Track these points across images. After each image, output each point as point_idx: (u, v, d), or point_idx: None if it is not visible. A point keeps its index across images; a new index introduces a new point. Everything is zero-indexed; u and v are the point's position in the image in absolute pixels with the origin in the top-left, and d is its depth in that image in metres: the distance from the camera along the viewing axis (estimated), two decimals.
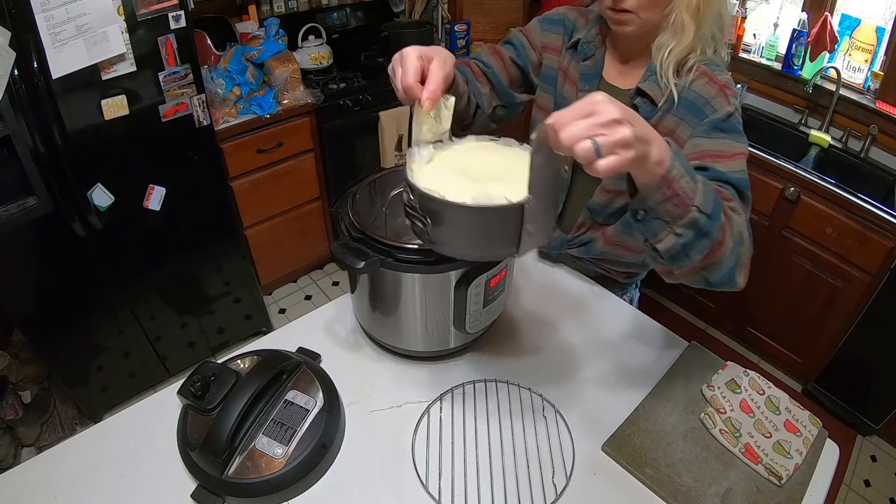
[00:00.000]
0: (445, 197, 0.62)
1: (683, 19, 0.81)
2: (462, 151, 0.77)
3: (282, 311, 2.57)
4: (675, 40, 0.83)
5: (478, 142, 0.78)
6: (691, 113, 0.86)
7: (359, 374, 0.94)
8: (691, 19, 0.81)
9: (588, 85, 0.97)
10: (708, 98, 0.84)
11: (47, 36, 1.33)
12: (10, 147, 1.35)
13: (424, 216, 0.65)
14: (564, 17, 1.02)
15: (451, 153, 0.76)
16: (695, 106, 0.85)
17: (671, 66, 0.85)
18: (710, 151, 0.79)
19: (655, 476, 0.78)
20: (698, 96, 0.85)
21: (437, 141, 0.76)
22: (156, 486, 0.76)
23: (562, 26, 1.01)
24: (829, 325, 1.97)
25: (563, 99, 1.02)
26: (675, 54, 0.84)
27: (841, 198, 1.77)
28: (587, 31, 0.98)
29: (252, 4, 2.34)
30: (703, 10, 0.80)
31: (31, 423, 1.79)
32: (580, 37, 0.98)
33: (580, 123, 0.53)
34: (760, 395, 0.90)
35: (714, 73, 0.85)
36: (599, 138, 0.52)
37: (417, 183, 0.65)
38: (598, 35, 0.97)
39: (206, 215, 1.93)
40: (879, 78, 2.05)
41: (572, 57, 1.00)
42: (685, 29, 0.81)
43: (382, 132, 2.43)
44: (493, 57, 1.04)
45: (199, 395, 0.78)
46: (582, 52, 0.98)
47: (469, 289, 0.82)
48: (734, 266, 0.69)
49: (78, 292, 1.72)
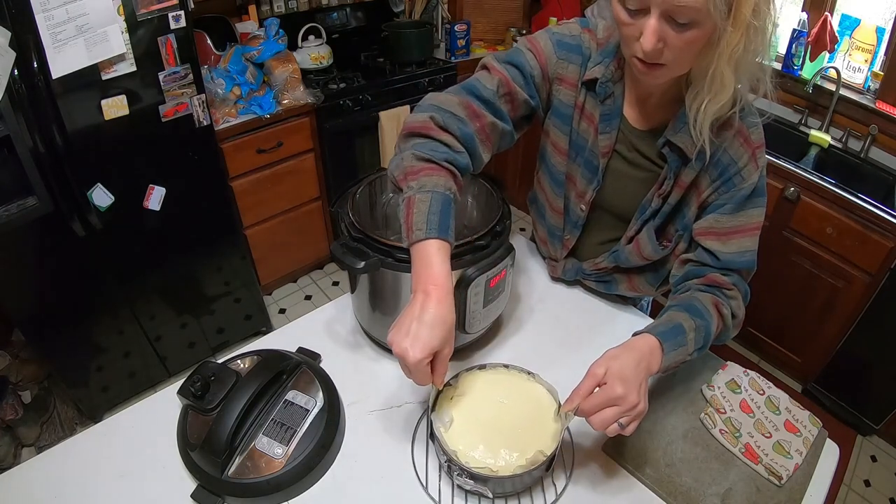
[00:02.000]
0: (496, 472, 0.70)
1: (724, 74, 0.70)
2: (478, 399, 0.79)
3: (282, 311, 2.57)
4: (711, 95, 0.73)
5: (502, 370, 0.83)
6: (719, 174, 0.83)
7: (359, 374, 0.94)
8: (732, 73, 0.70)
9: (608, 126, 0.88)
10: (740, 165, 0.81)
11: (47, 36, 1.33)
12: (10, 147, 1.35)
13: (478, 482, 0.71)
14: (580, 42, 0.88)
15: (468, 405, 0.79)
16: (726, 171, 0.83)
17: (707, 122, 0.76)
18: (728, 229, 0.85)
19: (655, 476, 0.78)
20: (731, 161, 0.82)
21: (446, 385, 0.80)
22: (156, 486, 0.76)
23: (579, 54, 0.88)
24: (829, 325, 1.97)
25: (579, 137, 0.93)
26: (712, 111, 0.75)
27: (841, 198, 1.77)
28: (604, 66, 0.85)
29: (252, 4, 2.34)
30: (744, 60, 0.70)
31: (31, 423, 1.79)
32: (597, 76, 0.86)
33: (608, 413, 0.67)
34: (760, 395, 0.90)
35: (749, 132, 0.81)
36: (624, 419, 0.67)
37: (459, 458, 0.71)
38: (616, 70, 0.86)
39: (206, 215, 1.92)
40: (879, 78, 2.05)
41: (588, 93, 0.89)
42: (725, 84, 0.71)
43: (382, 132, 2.43)
44: (502, 101, 0.84)
45: (199, 395, 0.78)
46: (601, 93, 0.87)
47: (469, 289, 0.82)
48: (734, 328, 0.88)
49: (78, 292, 1.72)
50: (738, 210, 0.84)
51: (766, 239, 2.00)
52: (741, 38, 0.66)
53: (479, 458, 0.72)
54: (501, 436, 0.75)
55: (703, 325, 0.80)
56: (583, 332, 1.03)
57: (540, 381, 0.81)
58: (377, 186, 1.00)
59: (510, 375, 0.83)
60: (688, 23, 0.66)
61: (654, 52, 0.69)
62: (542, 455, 0.70)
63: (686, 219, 0.90)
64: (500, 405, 0.79)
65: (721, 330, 0.84)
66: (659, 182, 0.88)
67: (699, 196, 0.87)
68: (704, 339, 0.81)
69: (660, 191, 0.88)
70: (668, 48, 0.69)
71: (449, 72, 2.61)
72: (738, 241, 0.85)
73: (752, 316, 2.30)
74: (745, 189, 0.82)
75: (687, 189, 0.86)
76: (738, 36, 0.66)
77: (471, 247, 0.81)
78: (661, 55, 0.70)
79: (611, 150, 0.91)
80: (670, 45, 0.68)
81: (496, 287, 0.87)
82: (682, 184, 0.86)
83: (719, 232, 0.85)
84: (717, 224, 0.85)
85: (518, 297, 1.10)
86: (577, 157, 0.95)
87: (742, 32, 0.66)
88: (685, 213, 0.90)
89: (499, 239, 0.85)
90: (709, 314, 0.82)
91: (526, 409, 0.78)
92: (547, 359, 0.96)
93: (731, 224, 0.85)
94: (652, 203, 0.89)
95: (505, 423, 0.76)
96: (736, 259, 0.85)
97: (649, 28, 0.67)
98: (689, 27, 0.66)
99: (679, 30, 0.67)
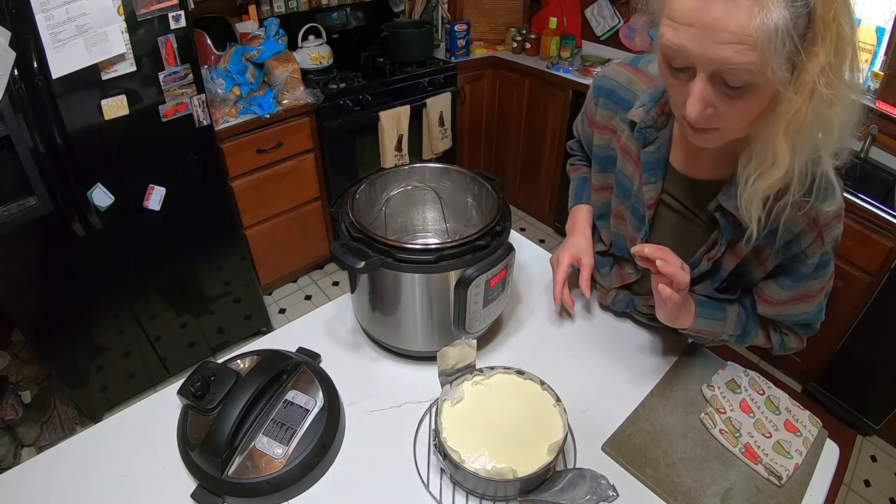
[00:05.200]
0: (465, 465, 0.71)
1: (777, 147, 0.58)
2: (488, 394, 0.81)
3: (282, 311, 2.57)
4: (763, 169, 0.61)
5: (505, 374, 0.83)
6: (782, 246, 0.74)
7: (359, 374, 0.94)
8: (788, 147, 0.57)
9: (653, 176, 0.81)
10: (803, 245, 0.72)
11: (47, 36, 1.33)
12: (10, 147, 1.35)
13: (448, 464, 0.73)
14: (622, 86, 0.84)
15: (477, 396, 0.81)
16: (789, 247, 0.74)
17: (757, 199, 0.63)
18: (785, 300, 0.80)
19: (655, 476, 0.78)
20: (795, 238, 0.72)
21: (465, 367, 0.81)
22: (156, 486, 0.76)
23: (620, 103, 0.84)
24: (829, 325, 1.95)
25: (626, 179, 0.87)
26: (762, 187, 0.62)
27: None
28: (645, 111, 0.79)
29: (252, 4, 2.34)
30: (807, 132, 0.56)
31: (31, 423, 1.79)
32: (637, 120, 0.79)
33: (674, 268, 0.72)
34: (760, 395, 0.90)
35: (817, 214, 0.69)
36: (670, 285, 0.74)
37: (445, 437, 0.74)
38: (660, 116, 0.78)
39: (206, 215, 1.92)
40: (879, 78, 2.04)
41: (631, 134, 0.83)
42: (778, 160, 0.58)
43: (382, 132, 2.43)
44: None
45: (199, 395, 0.78)
46: (639, 139, 0.81)
47: (469, 289, 0.82)
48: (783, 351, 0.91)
49: (78, 292, 1.72)
50: (798, 285, 0.77)
51: None
52: (804, 108, 0.54)
53: (482, 462, 0.72)
54: (503, 438, 0.75)
55: (745, 318, 0.84)
56: (582, 333, 1.03)
57: (537, 381, 0.81)
58: (377, 186, 1.00)
59: (510, 378, 0.83)
60: (742, 86, 0.55)
61: (703, 119, 0.59)
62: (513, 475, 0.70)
63: (751, 283, 0.84)
64: (501, 408, 0.79)
65: (766, 345, 0.88)
66: (709, 244, 0.80)
67: (763, 264, 0.79)
68: (744, 329, 0.86)
69: (709, 254, 0.80)
70: (717, 115, 0.59)
71: (449, 72, 2.61)
72: (795, 308, 0.80)
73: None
74: (808, 267, 0.75)
75: (746, 258, 0.79)
76: (800, 104, 0.54)
77: (471, 247, 0.81)
78: (710, 121, 0.60)
79: (656, 201, 0.84)
80: (720, 112, 0.59)
81: (496, 287, 0.87)
82: (740, 252, 0.78)
83: (774, 302, 0.81)
84: (776, 295, 0.80)
85: (518, 297, 1.10)
86: (626, 199, 0.89)
87: (806, 100, 0.53)
88: (749, 279, 0.83)
89: (499, 239, 0.85)
90: (755, 323, 0.87)
91: (527, 410, 0.78)
92: (547, 359, 0.96)
93: (790, 295, 0.79)
94: (700, 265, 0.82)
95: (507, 425, 0.76)
96: (792, 319, 0.83)
97: (696, 93, 0.57)
98: (743, 91, 0.56)
99: (732, 94, 0.56)
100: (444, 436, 0.74)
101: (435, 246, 0.81)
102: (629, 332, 1.03)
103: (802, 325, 0.85)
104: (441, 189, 1.05)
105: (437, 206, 1.08)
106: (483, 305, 0.87)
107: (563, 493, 0.71)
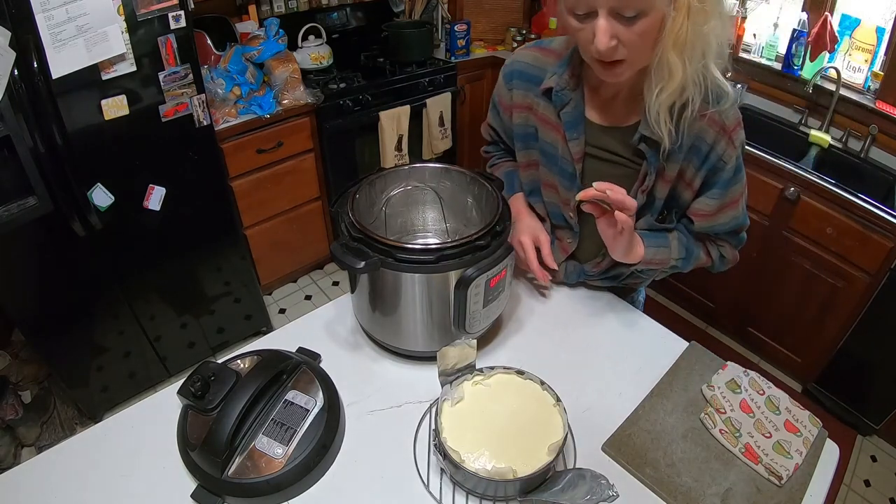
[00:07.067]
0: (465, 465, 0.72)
1: (670, 60, 0.71)
2: (488, 394, 0.81)
3: (282, 311, 2.57)
4: (663, 83, 0.74)
5: (505, 374, 0.84)
6: (701, 162, 0.85)
7: (359, 374, 0.94)
8: (678, 58, 0.71)
9: (575, 132, 0.90)
10: (719, 152, 0.83)
11: (47, 36, 1.33)
12: (10, 147, 1.35)
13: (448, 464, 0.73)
14: (530, 66, 0.94)
15: (477, 396, 0.81)
16: (707, 159, 0.85)
17: (663, 111, 0.77)
18: (714, 209, 0.90)
19: (655, 476, 0.78)
20: (710, 148, 0.83)
21: (465, 367, 0.81)
22: (156, 486, 0.76)
23: (532, 80, 0.94)
24: (829, 325, 1.97)
25: (550, 147, 0.96)
26: (665, 99, 0.76)
27: (841, 198, 1.77)
28: (558, 77, 0.89)
29: (252, 4, 2.34)
30: (691, 44, 0.70)
31: (31, 423, 1.80)
32: (551, 85, 0.89)
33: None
34: (760, 395, 0.90)
35: (721, 118, 0.81)
36: None
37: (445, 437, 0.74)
38: (571, 78, 0.88)
39: (206, 215, 1.93)
40: (879, 78, 2.05)
41: (547, 104, 0.92)
42: (672, 71, 0.72)
43: (382, 132, 2.43)
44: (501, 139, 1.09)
45: (199, 395, 0.78)
46: (557, 101, 0.90)
47: (469, 289, 0.82)
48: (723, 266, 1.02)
49: (78, 292, 1.72)
50: (723, 192, 0.88)
51: (765, 239, 2.03)
52: (684, 23, 0.68)
53: (482, 462, 0.72)
54: (503, 438, 0.75)
55: (686, 240, 0.94)
56: (582, 332, 1.03)
57: (537, 381, 0.81)
58: (377, 186, 1.00)
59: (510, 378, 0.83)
60: (636, 14, 0.67)
61: (610, 51, 0.71)
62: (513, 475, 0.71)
63: (683, 205, 0.94)
64: (501, 408, 0.79)
65: (707, 262, 0.98)
66: (640, 178, 0.90)
67: (690, 185, 0.89)
68: (687, 251, 0.95)
69: (642, 187, 0.90)
70: (622, 44, 0.71)
71: (449, 72, 2.61)
72: (724, 215, 0.91)
73: (752, 316, 2.31)
74: (728, 172, 0.85)
75: (675, 181, 0.89)
76: (681, 20, 0.67)
77: (471, 247, 0.81)
78: (616, 52, 0.72)
79: (583, 154, 0.93)
80: (624, 39, 0.70)
81: (496, 287, 0.87)
82: (668, 177, 0.88)
83: (707, 213, 0.91)
84: (706, 207, 0.90)
85: (518, 297, 1.10)
86: (553, 165, 0.97)
87: (684, 16, 0.67)
88: (681, 202, 0.93)
89: (499, 239, 0.85)
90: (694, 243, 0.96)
91: (527, 410, 0.78)
92: (547, 359, 0.96)
93: (717, 204, 0.89)
94: (637, 199, 0.89)
95: (507, 425, 0.77)
96: (724, 227, 0.93)
97: (600, 28, 0.69)
98: (637, 18, 0.68)
99: (629, 23, 0.69)
100: (444, 436, 0.74)
101: (435, 246, 0.81)
102: (629, 333, 1.03)
103: (732, 233, 0.96)
104: (441, 189, 1.05)
105: (437, 206, 1.08)
106: (483, 305, 0.87)
107: (563, 493, 0.71)
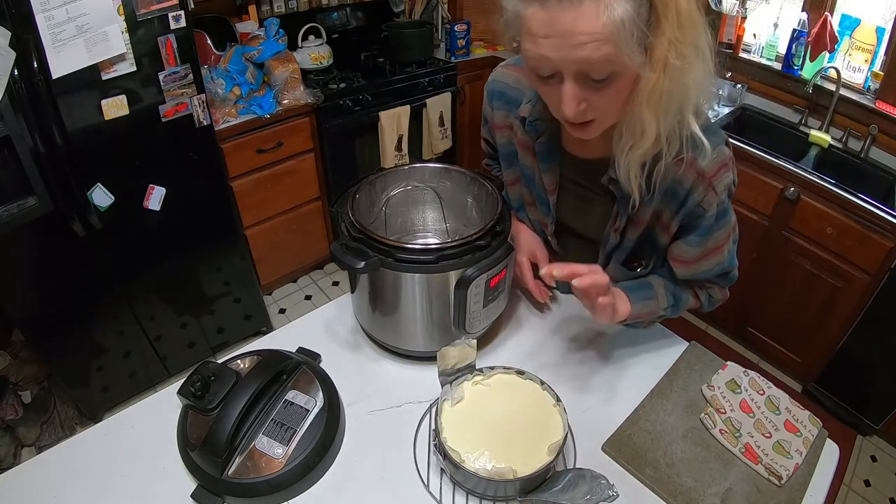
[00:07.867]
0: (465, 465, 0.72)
1: (644, 119, 0.65)
2: (488, 394, 0.81)
3: (282, 311, 2.57)
4: (634, 140, 0.68)
5: (505, 374, 0.84)
6: (678, 207, 0.79)
7: (359, 374, 0.94)
8: (653, 117, 0.65)
9: (548, 164, 0.88)
10: (697, 199, 0.76)
11: (47, 36, 1.33)
12: (10, 147, 1.35)
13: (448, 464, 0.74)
14: (510, 87, 0.90)
15: (477, 396, 0.81)
16: (684, 204, 0.77)
17: (634, 168, 0.71)
18: (696, 257, 0.83)
19: (655, 476, 0.78)
20: (687, 194, 0.76)
21: (465, 367, 0.81)
22: (156, 486, 0.76)
23: (511, 102, 0.90)
24: (828, 325, 1.97)
25: (527, 169, 0.93)
26: (636, 157, 0.70)
27: (841, 198, 1.77)
28: (531, 105, 0.84)
29: (252, 4, 2.34)
30: (666, 100, 0.63)
31: (31, 423, 1.79)
32: (526, 115, 0.85)
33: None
34: (760, 395, 0.90)
35: (698, 163, 0.73)
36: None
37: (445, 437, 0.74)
38: (545, 109, 0.80)
39: (206, 215, 1.92)
40: (879, 78, 2.05)
41: (524, 129, 0.88)
42: (646, 130, 0.66)
43: (382, 132, 2.43)
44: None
45: (199, 395, 0.78)
46: (531, 131, 0.86)
47: (469, 289, 0.82)
48: (711, 306, 0.95)
49: (78, 292, 1.72)
50: (703, 240, 0.81)
51: (765, 239, 2.02)
52: (661, 80, 0.61)
53: (482, 462, 0.72)
54: (503, 438, 0.75)
55: (672, 287, 0.89)
56: (582, 332, 1.03)
57: (537, 381, 0.81)
58: (377, 186, 1.00)
59: (510, 378, 0.83)
60: (605, 77, 0.61)
61: (578, 115, 0.66)
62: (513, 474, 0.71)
63: (659, 248, 0.87)
64: (501, 408, 0.79)
65: (696, 305, 0.93)
66: (612, 217, 0.86)
67: (666, 228, 0.83)
68: (675, 298, 0.89)
69: (615, 226, 0.86)
70: (591, 107, 0.65)
71: (449, 72, 2.61)
72: (707, 262, 0.84)
73: (752, 316, 2.30)
74: (708, 219, 0.78)
75: (651, 222, 0.83)
76: (657, 77, 0.61)
77: (471, 247, 0.81)
78: (586, 114, 0.66)
79: (556, 186, 0.91)
80: (593, 104, 0.65)
81: (496, 287, 0.87)
82: (641, 220, 0.83)
83: (687, 260, 0.84)
84: (686, 254, 0.84)
85: (518, 297, 1.10)
86: (532, 188, 0.96)
87: (661, 73, 0.60)
88: (657, 244, 0.87)
89: (499, 239, 0.85)
90: (682, 288, 0.91)
91: (527, 411, 0.78)
92: (547, 359, 0.96)
93: (699, 252, 0.82)
94: (610, 238, 0.87)
95: (506, 425, 0.77)
96: (707, 274, 0.87)
97: (567, 94, 0.63)
98: (608, 82, 0.62)
99: (598, 86, 0.62)
100: (444, 436, 0.74)
101: (435, 246, 0.81)
102: (629, 333, 1.03)
103: (721, 275, 0.89)
104: (441, 189, 1.05)
105: (437, 206, 1.08)
106: (483, 305, 0.87)
107: (563, 493, 0.71)
